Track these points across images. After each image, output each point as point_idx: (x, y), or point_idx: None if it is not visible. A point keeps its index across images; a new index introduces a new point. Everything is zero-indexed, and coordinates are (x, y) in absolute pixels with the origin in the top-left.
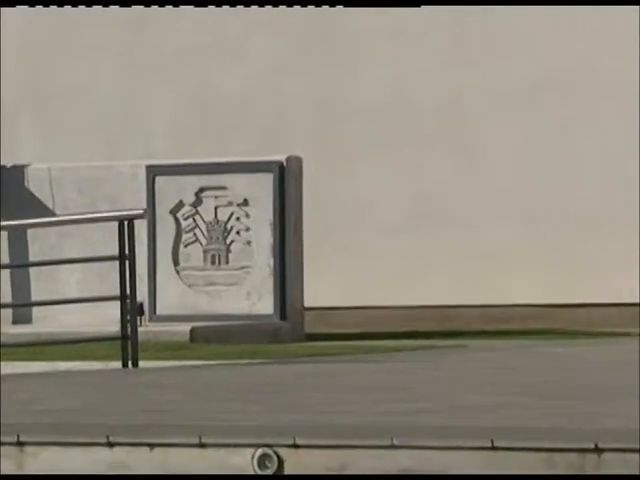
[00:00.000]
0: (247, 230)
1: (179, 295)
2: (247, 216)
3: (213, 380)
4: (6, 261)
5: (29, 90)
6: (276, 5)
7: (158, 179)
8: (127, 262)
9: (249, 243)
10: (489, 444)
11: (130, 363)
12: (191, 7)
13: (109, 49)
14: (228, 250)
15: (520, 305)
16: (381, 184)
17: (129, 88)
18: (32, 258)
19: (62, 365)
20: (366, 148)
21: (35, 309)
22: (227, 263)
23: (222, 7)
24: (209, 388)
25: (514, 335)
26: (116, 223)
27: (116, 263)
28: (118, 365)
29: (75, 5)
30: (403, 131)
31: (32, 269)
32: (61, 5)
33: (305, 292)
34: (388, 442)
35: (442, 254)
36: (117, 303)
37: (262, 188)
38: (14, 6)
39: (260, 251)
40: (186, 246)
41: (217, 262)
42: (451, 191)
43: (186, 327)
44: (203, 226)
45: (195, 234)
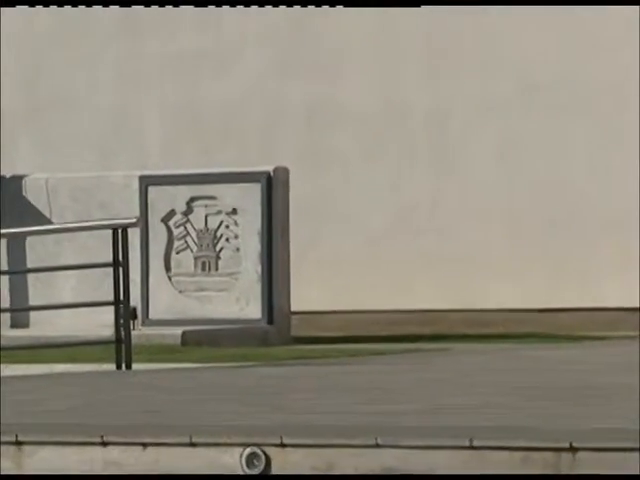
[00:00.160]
0: (236, 238)
1: (171, 300)
2: (236, 224)
3: (203, 382)
4: (5, 267)
5: (27, 105)
6: (276, 5)
7: (150, 189)
8: (121, 268)
9: (238, 250)
10: (469, 443)
11: (124, 365)
12: (182, 15)
13: (102, 65)
14: (218, 257)
15: (501, 310)
16: (365, 193)
17: (122, 103)
18: (30, 264)
19: (58, 367)
20: (350, 159)
21: (32, 313)
22: (217, 269)
23: (211, 19)
24: (200, 389)
25: (495, 339)
26: (110, 231)
27: (110, 269)
28: (112, 367)
29: (75, 5)
30: (386, 141)
31: (30, 275)
32: (61, 5)
33: (292, 297)
34: (372, 442)
35: (426, 260)
36: (111, 308)
37: (250, 198)
38: (14, 6)
39: (248, 258)
40: (177, 253)
41: (207, 268)
42: (434, 200)
43: (177, 331)
44: (194, 234)
45: (186, 241)
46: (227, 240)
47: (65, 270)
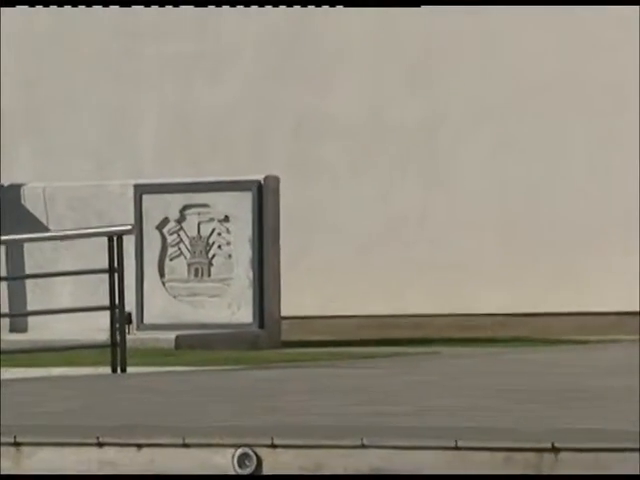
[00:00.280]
0: (228, 245)
1: (165, 305)
2: (228, 232)
3: (196, 384)
4: (4, 274)
5: (26, 106)
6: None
7: (145, 197)
8: (116, 274)
9: (230, 257)
10: (453, 444)
11: (119, 368)
12: (174, 24)
13: (96, 82)
14: (210, 263)
15: (488, 314)
16: (355, 200)
17: (117, 115)
18: (28, 271)
19: (56, 370)
20: (340, 167)
21: (31, 318)
22: (209, 275)
23: (201, 32)
24: (193, 392)
25: (482, 342)
26: (106, 238)
27: (106, 275)
28: (108, 370)
29: (75, 5)
30: (375, 151)
31: (28, 281)
32: (61, 5)
33: (282, 302)
34: (359, 442)
35: (415, 267)
36: (107, 313)
37: (242, 206)
38: (14, 6)
39: (240, 264)
40: (171, 259)
41: (200, 274)
42: (422, 207)
43: (171, 335)
44: (187, 241)
45: (179, 248)
46: (219, 247)
47: (62, 276)
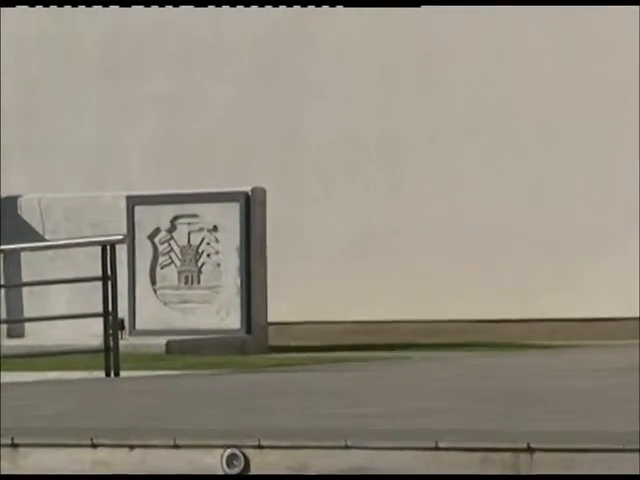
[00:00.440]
0: (216, 253)
1: (156, 312)
2: (216, 241)
3: (187, 388)
4: (1, 282)
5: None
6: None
7: (137, 208)
8: (109, 282)
9: (218, 265)
10: (433, 445)
11: (112, 373)
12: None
13: (90, 97)
14: (200, 271)
15: (456, 321)
16: (334, 214)
17: (111, 130)
18: (25, 279)
19: (51, 375)
20: (321, 181)
21: (27, 324)
22: (199, 283)
23: (188, 57)
24: (183, 395)
25: (452, 347)
26: (100, 247)
27: (100, 283)
28: (101, 374)
29: (75, 5)
30: (350, 167)
31: (25, 289)
32: (61, 5)
33: (268, 309)
34: (342, 443)
35: (387, 276)
36: (100, 319)
37: (230, 216)
38: (14, 6)
39: (228, 272)
40: (162, 268)
41: (190, 282)
42: (394, 221)
43: (162, 340)
44: (177, 250)
45: (170, 257)
46: (208, 256)
47: (58, 284)
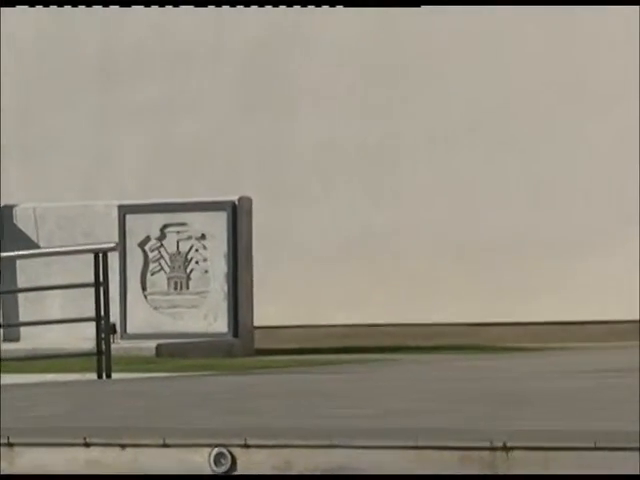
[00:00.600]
0: (205, 260)
1: (146, 316)
2: (205, 248)
3: (176, 389)
4: None
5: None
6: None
7: (128, 216)
8: (102, 288)
9: (206, 272)
10: (414, 443)
11: (104, 375)
12: (153, 66)
13: (83, 109)
14: (188, 277)
15: (445, 324)
16: (320, 219)
17: (103, 141)
18: (20, 285)
19: (46, 377)
20: (306, 188)
21: (23, 328)
22: (187, 289)
23: (188, 57)
24: (173, 396)
25: (440, 350)
26: (92, 255)
27: (92, 289)
28: (94, 376)
29: (75, 5)
30: (338, 173)
31: (20, 294)
32: (61, 5)
33: (255, 313)
34: (327, 442)
35: (377, 280)
36: (93, 323)
37: (218, 224)
38: (14, 6)
39: (216, 279)
40: (152, 274)
41: (179, 288)
42: (383, 224)
43: (152, 344)
44: (167, 257)
45: (160, 264)
46: (197, 262)
47: (52, 290)
